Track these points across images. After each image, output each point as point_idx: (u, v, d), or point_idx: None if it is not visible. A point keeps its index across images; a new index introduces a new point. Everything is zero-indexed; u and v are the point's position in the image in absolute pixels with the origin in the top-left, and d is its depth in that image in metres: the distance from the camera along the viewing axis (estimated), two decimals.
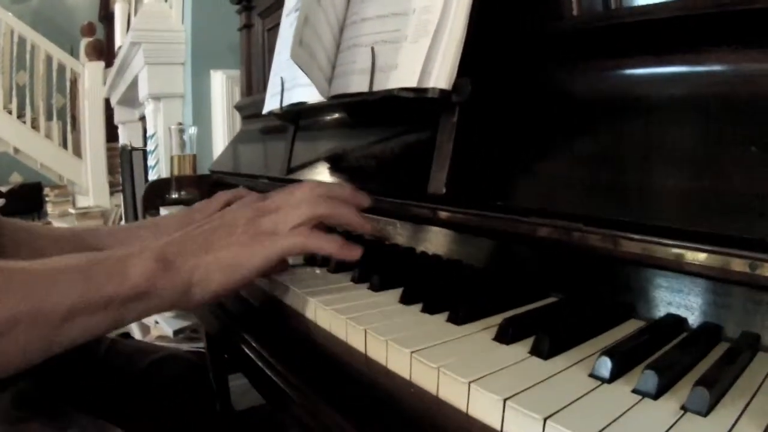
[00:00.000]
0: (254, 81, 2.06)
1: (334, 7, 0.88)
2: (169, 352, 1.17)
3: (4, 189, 6.40)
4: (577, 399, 0.41)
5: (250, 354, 0.63)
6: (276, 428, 1.31)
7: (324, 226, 0.73)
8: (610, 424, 0.38)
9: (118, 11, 3.71)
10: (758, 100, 0.53)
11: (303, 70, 0.83)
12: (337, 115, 1.20)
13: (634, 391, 0.43)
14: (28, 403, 0.80)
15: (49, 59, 6.42)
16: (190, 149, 2.11)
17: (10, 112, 6.26)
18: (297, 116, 1.29)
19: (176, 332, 2.37)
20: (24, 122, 6.35)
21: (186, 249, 0.63)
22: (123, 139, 5.24)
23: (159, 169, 3.27)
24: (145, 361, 1.10)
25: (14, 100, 6.22)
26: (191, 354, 1.24)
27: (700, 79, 0.59)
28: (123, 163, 4.25)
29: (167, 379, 1.09)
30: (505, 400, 0.41)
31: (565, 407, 0.40)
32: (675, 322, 0.56)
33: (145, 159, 3.76)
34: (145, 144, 3.66)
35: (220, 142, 2.84)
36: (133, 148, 4.03)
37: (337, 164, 1.11)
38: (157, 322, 2.60)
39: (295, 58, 0.79)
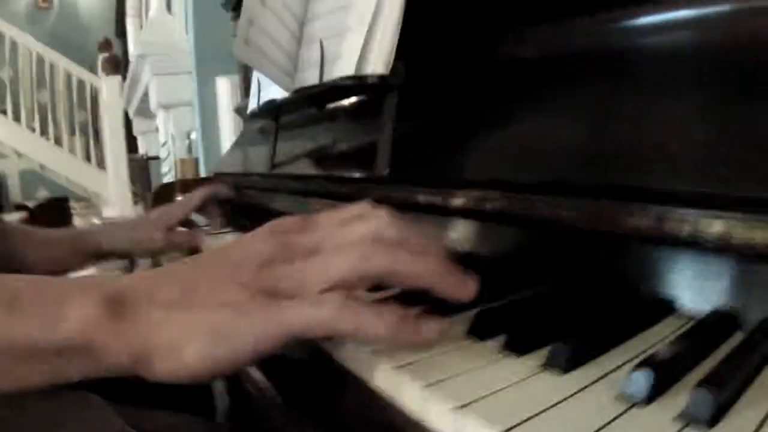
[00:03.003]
0: (251, 84, 2.13)
1: (287, 7, 0.95)
2: None
3: (31, 204, 6.54)
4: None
5: None
6: None
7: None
8: None
9: (130, 26, 3.82)
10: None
11: (254, 67, 0.90)
12: (310, 110, 1.26)
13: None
14: None
15: (68, 76, 6.58)
16: (195, 154, 2.19)
17: (33, 130, 6.44)
18: (277, 114, 1.35)
19: None
20: (48, 139, 6.51)
21: (153, 295, 0.44)
22: (142, 149, 5.37)
23: (173, 175, 3.36)
24: None
25: (37, 118, 6.39)
26: None
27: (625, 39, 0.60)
28: (141, 171, 4.37)
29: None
30: None
31: None
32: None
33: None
34: None
35: (228, 146, 2.92)
36: (149, 157, 4.14)
37: (310, 156, 1.17)
38: None
39: (240, 56, 0.86)
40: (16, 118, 6.38)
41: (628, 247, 0.54)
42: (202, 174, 2.88)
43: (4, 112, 6.37)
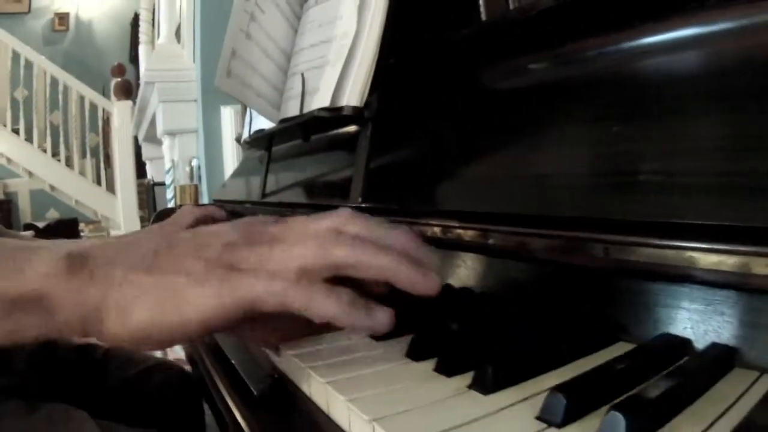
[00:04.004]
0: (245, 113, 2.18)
1: (273, 40, 0.99)
2: (158, 361, 1.19)
3: (41, 225, 6.60)
4: None
5: None
6: None
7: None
8: None
9: (142, 52, 3.89)
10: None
11: (236, 98, 0.93)
12: (296, 141, 1.30)
13: None
14: (8, 391, 0.80)
15: (81, 99, 6.67)
16: (196, 180, 2.23)
17: (45, 151, 6.52)
18: (269, 143, 1.39)
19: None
20: (59, 160, 6.59)
21: (115, 257, 0.45)
22: (150, 174, 5.43)
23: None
24: (135, 369, 1.11)
25: (49, 139, 6.47)
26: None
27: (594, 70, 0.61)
28: (147, 197, 4.42)
29: (154, 386, 1.10)
30: None
31: None
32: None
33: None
34: None
35: (230, 173, 2.96)
36: (155, 183, 4.20)
37: (296, 185, 1.20)
38: None
39: (222, 87, 0.90)
40: (29, 138, 6.46)
41: (578, 275, 0.57)
42: (205, 200, 2.91)
43: (17, 132, 6.45)
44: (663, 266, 0.45)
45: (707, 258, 0.42)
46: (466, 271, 0.71)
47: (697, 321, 0.45)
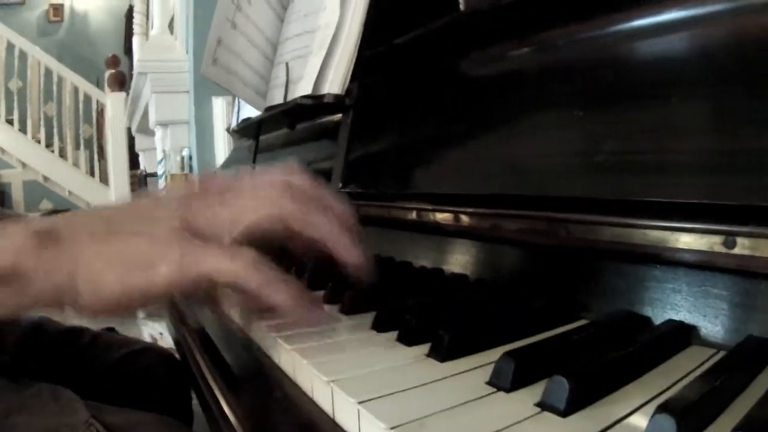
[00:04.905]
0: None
1: (259, 29, 1.01)
2: (146, 345, 1.21)
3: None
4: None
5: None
6: None
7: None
8: None
9: (136, 44, 3.90)
10: None
11: (221, 85, 0.95)
12: (282, 130, 1.32)
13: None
14: None
15: (75, 90, 6.65)
16: (188, 170, 2.24)
17: (39, 142, 6.51)
18: (257, 131, 1.40)
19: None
20: (53, 151, 6.58)
21: (80, 229, 0.47)
22: (142, 165, 5.44)
23: None
24: (121, 352, 1.13)
25: (43, 130, 6.46)
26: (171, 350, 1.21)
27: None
28: (139, 187, 4.42)
29: (140, 368, 1.12)
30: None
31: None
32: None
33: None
34: None
35: (221, 163, 2.98)
36: (148, 174, 4.21)
37: None
38: (161, 334, 2.72)
39: (207, 75, 0.92)
40: (22, 128, 6.45)
41: (543, 254, 0.59)
42: None
43: (11, 123, 6.43)
44: (623, 245, 0.47)
45: (662, 236, 0.44)
46: (438, 253, 0.73)
47: (656, 299, 0.48)
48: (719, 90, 0.46)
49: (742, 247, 0.39)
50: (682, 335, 0.45)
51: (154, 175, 4.17)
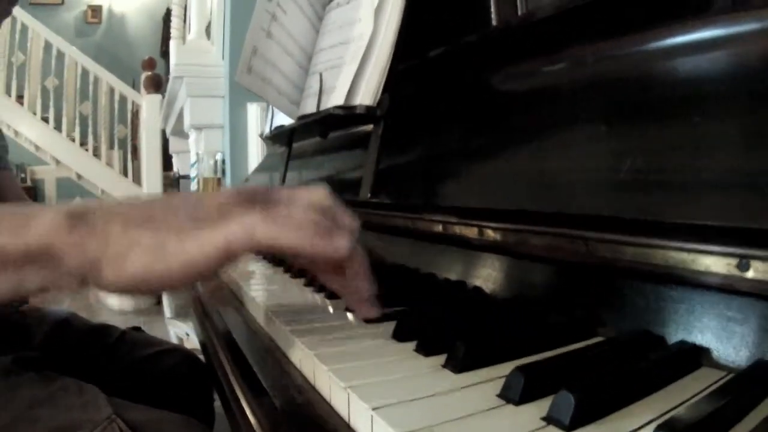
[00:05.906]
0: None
1: (294, 39, 1.02)
2: (172, 346, 1.23)
3: None
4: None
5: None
6: None
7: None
8: None
9: (173, 47, 3.95)
10: None
11: (255, 93, 0.97)
12: (314, 138, 1.33)
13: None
14: (26, 364, 0.85)
15: (111, 91, 6.76)
16: (220, 174, 2.27)
17: (73, 140, 6.62)
18: (290, 139, 1.42)
19: None
20: (87, 150, 6.68)
21: (113, 213, 0.49)
22: (175, 167, 5.49)
23: None
24: (146, 351, 1.16)
25: (78, 128, 6.56)
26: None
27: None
28: (172, 189, 4.47)
29: (164, 368, 1.14)
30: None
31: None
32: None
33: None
34: None
35: (253, 168, 3.01)
36: (181, 176, 4.26)
37: (313, 181, 1.24)
38: (187, 334, 2.76)
39: (242, 82, 0.94)
40: (58, 126, 6.56)
41: (564, 270, 0.60)
42: None
43: (46, 120, 6.54)
44: (644, 264, 0.48)
45: (679, 257, 0.44)
46: (462, 266, 0.74)
47: (671, 319, 0.48)
48: (744, 110, 0.46)
49: (756, 270, 0.39)
50: (694, 356, 0.45)
51: (186, 177, 4.22)
